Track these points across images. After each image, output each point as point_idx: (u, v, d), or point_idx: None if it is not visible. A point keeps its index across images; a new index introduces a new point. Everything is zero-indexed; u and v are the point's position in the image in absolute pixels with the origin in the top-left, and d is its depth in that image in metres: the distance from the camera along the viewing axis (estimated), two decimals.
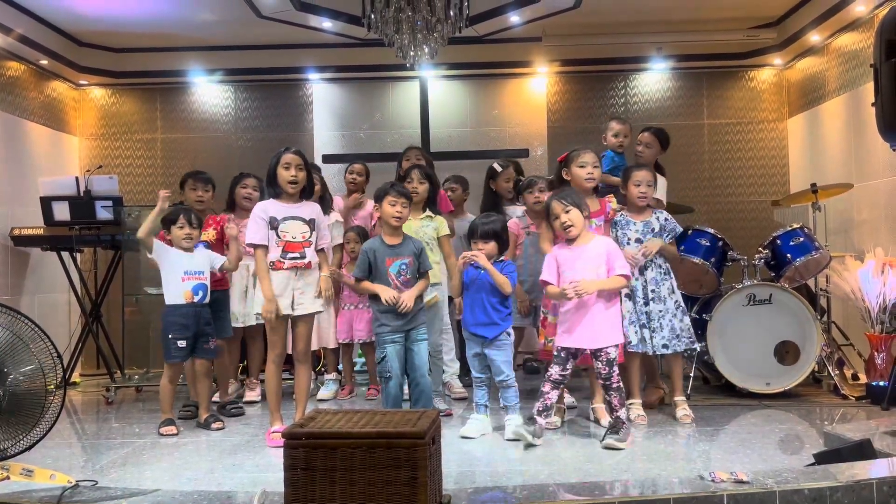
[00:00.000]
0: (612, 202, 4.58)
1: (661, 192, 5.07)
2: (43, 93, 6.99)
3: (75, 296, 6.49)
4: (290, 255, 4.21)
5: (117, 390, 5.86)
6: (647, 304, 4.50)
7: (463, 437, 4.17)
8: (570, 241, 4.11)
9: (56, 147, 7.18)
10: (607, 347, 3.98)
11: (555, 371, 4.05)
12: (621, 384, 4.05)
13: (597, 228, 4.42)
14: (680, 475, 3.27)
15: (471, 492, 2.97)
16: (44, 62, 6.75)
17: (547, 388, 4.05)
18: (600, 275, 4.01)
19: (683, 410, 4.50)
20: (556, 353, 4.07)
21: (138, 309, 6.26)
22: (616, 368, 4.01)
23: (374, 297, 4.26)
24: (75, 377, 6.64)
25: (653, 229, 4.57)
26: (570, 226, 4.06)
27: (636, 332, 4.49)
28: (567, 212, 4.06)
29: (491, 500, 2.90)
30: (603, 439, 3.94)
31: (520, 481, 3.35)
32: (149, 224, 4.59)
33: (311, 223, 4.27)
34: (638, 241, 4.54)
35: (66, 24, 6.69)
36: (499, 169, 5.55)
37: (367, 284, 4.26)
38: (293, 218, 4.23)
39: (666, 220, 4.62)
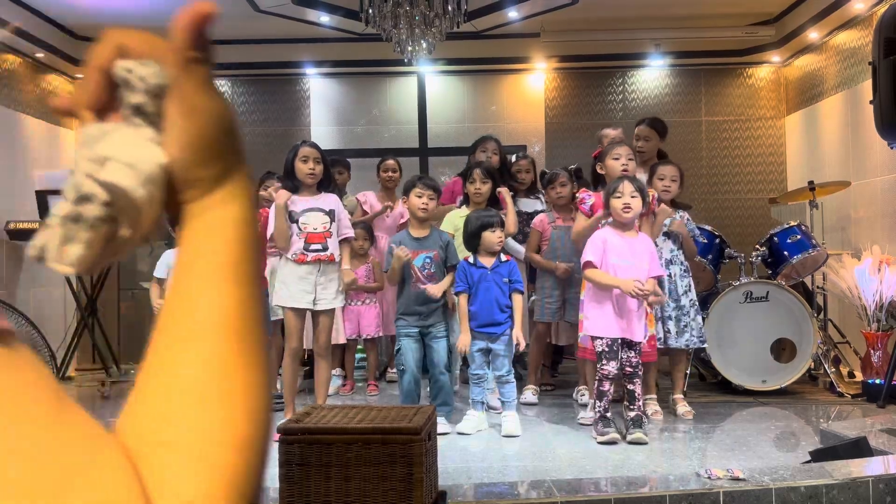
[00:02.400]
0: (651, 192, 4.54)
1: None
2: (39, 86, 6.96)
3: (71, 290, 6.47)
4: (313, 246, 4.24)
5: (113, 385, 5.84)
6: (678, 299, 4.55)
7: (459, 434, 4.17)
8: (621, 226, 4.08)
9: (52, 140, 7.15)
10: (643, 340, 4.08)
11: (612, 366, 3.95)
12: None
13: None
14: (676, 472, 3.27)
15: (466, 488, 2.97)
16: (40, 55, 6.72)
17: (606, 385, 3.97)
18: (644, 269, 4.01)
19: (685, 407, 4.53)
20: (606, 349, 3.96)
21: (134, 304, 6.24)
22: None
23: (399, 292, 4.33)
24: (71, 372, 6.62)
25: None
26: (630, 209, 4.01)
27: (667, 330, 4.53)
28: (633, 196, 4.02)
29: (486, 495, 2.90)
30: (627, 433, 3.93)
31: (515, 477, 3.35)
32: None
33: (331, 214, 4.31)
34: (667, 234, 4.59)
35: (63, 17, 6.65)
36: (513, 159, 5.49)
37: (393, 270, 4.28)
38: (313, 209, 4.27)
39: (688, 219, 4.72)
